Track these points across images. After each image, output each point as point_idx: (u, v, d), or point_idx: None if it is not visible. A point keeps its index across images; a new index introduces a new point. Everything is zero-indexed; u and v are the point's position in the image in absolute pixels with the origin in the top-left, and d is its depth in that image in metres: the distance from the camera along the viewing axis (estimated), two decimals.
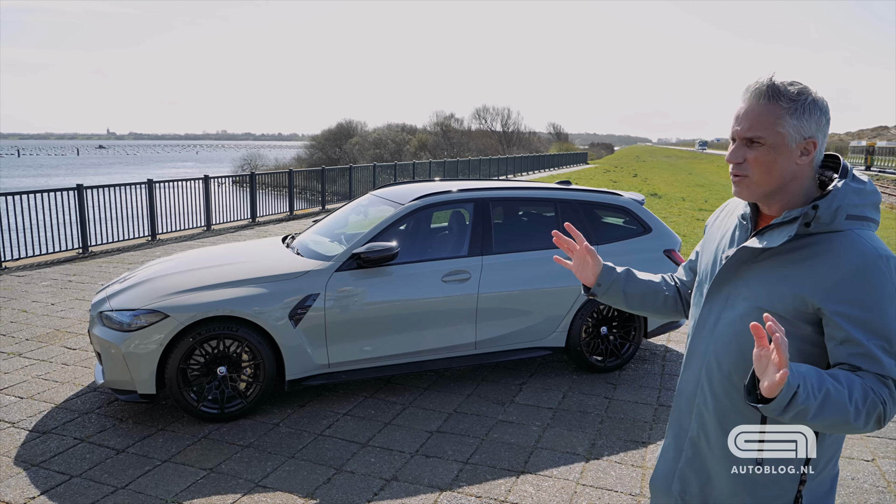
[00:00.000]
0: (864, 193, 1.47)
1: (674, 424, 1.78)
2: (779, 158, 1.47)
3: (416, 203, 4.84)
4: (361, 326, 4.52)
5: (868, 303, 1.39)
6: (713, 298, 1.63)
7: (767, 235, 1.51)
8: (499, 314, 4.85)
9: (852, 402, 1.35)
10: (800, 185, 1.51)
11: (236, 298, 4.21)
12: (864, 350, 1.40)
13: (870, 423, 1.38)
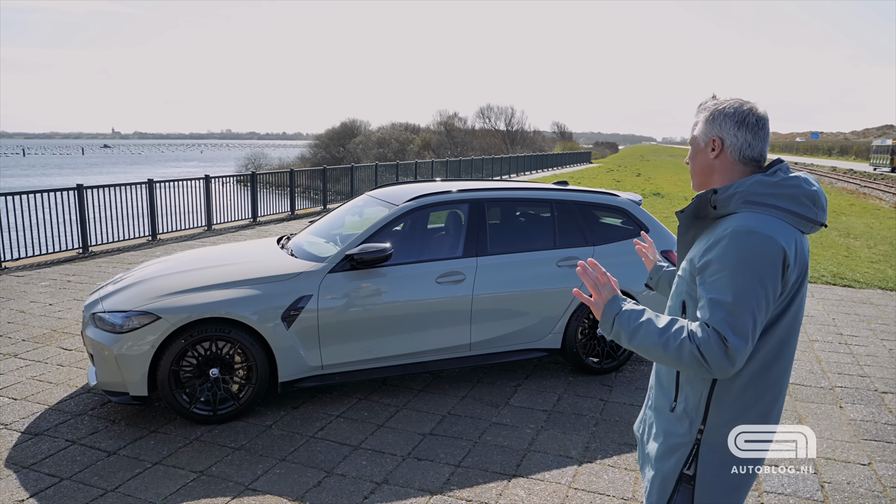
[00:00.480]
0: (773, 186, 1.73)
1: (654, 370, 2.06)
2: (697, 156, 1.87)
3: (411, 204, 4.81)
4: (355, 328, 4.49)
5: (719, 264, 1.68)
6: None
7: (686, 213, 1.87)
8: (494, 315, 4.82)
9: (664, 335, 1.69)
10: (722, 177, 1.83)
11: (228, 300, 4.19)
12: (703, 302, 1.70)
13: (682, 355, 1.67)
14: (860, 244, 12.34)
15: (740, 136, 1.79)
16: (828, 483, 3.61)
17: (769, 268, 1.66)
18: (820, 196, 1.77)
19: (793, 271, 1.70)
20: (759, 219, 1.71)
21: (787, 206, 1.73)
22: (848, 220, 16.26)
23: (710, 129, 1.83)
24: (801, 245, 1.72)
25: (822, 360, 5.65)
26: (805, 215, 1.74)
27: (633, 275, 5.16)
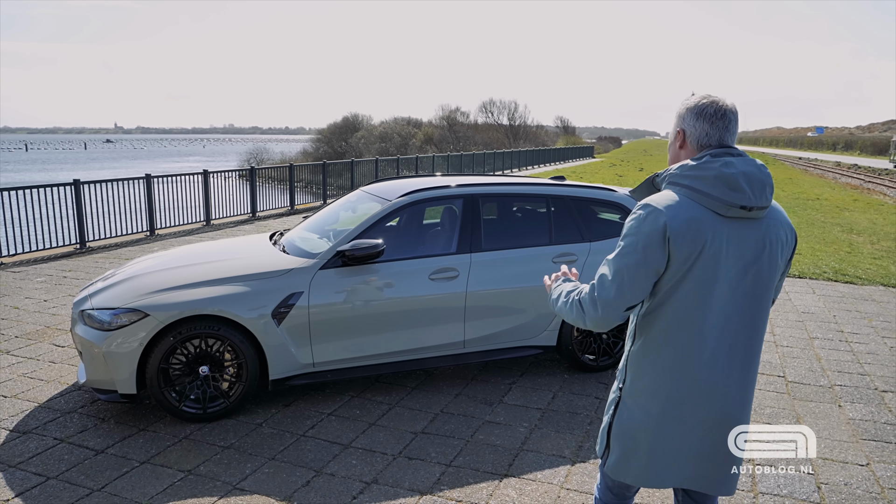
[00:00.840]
0: (692, 168, 1.90)
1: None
2: (670, 147, 2.09)
3: (403, 199, 4.75)
4: (346, 325, 4.44)
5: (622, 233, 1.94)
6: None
7: None
8: (488, 312, 4.77)
9: (568, 296, 2.05)
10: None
11: (218, 297, 4.14)
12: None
13: (572, 308, 2.01)
14: (863, 240, 12.25)
15: (698, 126, 1.96)
16: (825, 484, 3.55)
17: (647, 236, 1.85)
18: (739, 179, 1.85)
19: (679, 245, 1.84)
20: (664, 195, 1.91)
21: (698, 186, 1.87)
22: (851, 216, 16.15)
23: (676, 123, 2.04)
24: (701, 223, 1.85)
25: (821, 358, 5.58)
26: (716, 196, 1.85)
27: None
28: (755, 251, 1.89)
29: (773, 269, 1.93)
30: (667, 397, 1.97)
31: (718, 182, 1.85)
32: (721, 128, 1.94)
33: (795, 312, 7.05)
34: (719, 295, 1.89)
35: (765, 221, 1.91)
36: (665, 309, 1.92)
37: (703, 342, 1.91)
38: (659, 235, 1.84)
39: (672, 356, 1.94)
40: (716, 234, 1.85)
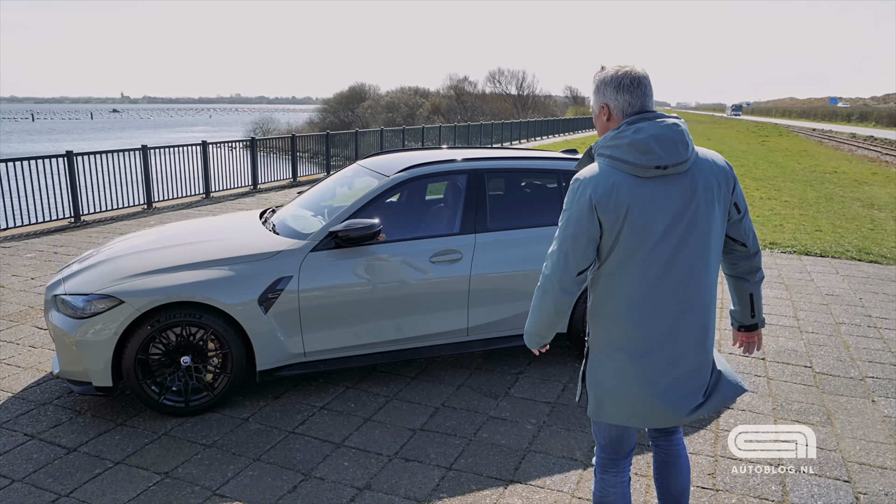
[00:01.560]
0: (611, 139, 2.04)
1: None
2: (596, 121, 2.19)
3: (402, 175, 4.37)
4: (340, 312, 4.11)
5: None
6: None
7: None
8: (493, 297, 4.42)
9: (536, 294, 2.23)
10: None
11: (198, 282, 3.80)
12: None
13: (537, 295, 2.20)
14: (885, 215, 11.78)
15: (620, 98, 2.08)
16: (863, 494, 3.21)
17: (579, 208, 2.02)
18: (650, 143, 1.98)
19: (605, 212, 2.00)
20: (591, 167, 2.08)
21: (617, 154, 2.02)
22: (871, 190, 15.62)
23: (597, 98, 2.14)
24: (621, 189, 1.99)
25: (850, 346, 5.22)
26: (632, 161, 1.99)
27: None
28: (683, 203, 2.02)
29: (710, 214, 2.06)
30: (623, 344, 2.12)
31: (631, 149, 2.00)
32: (640, 95, 2.08)
33: (819, 294, 6.67)
34: (655, 248, 2.03)
35: (690, 173, 2.04)
36: (607, 267, 2.10)
37: (647, 292, 2.06)
38: (587, 206, 2.01)
39: (620, 307, 2.10)
40: (637, 196, 1.99)
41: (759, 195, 14.08)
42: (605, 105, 2.13)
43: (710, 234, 2.08)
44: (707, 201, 2.05)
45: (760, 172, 19.08)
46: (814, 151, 30.43)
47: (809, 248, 8.73)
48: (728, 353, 5.04)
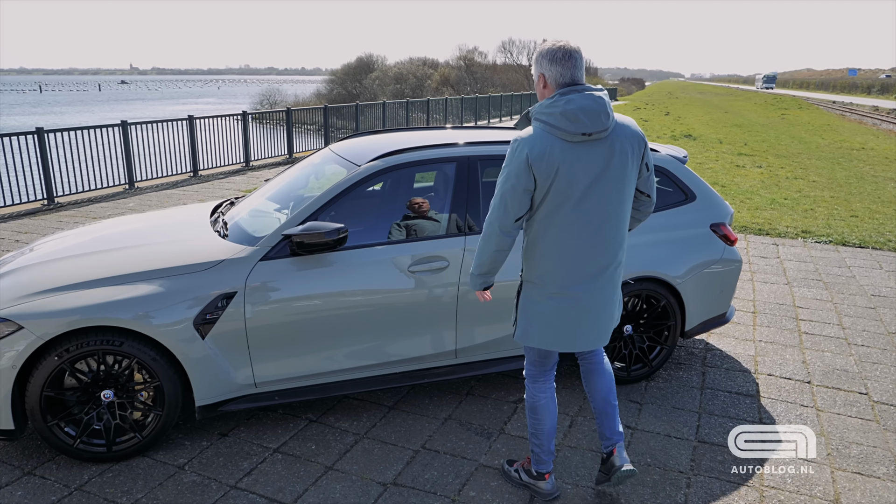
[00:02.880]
0: (545, 106, 2.44)
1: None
2: (536, 88, 2.55)
3: (376, 164, 3.57)
4: (298, 333, 3.36)
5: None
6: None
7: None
8: (487, 313, 3.66)
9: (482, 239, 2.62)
10: None
11: (115, 302, 3.06)
12: None
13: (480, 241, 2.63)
14: None
15: (553, 69, 2.46)
16: None
17: (517, 164, 2.44)
18: (578, 114, 2.38)
19: (539, 169, 2.42)
20: (528, 130, 2.48)
21: (550, 121, 2.41)
22: None
23: (535, 68, 2.53)
24: (553, 151, 2.41)
25: None
26: (562, 128, 2.39)
27: (671, 255, 3.97)
28: (602, 164, 2.45)
29: (624, 173, 2.49)
30: (549, 280, 2.59)
31: (562, 118, 2.39)
32: (571, 67, 2.44)
33: (864, 296, 5.86)
34: (579, 201, 2.47)
35: (610, 139, 2.45)
36: (539, 214, 2.53)
37: (572, 237, 2.52)
38: (524, 164, 2.42)
39: (549, 249, 2.55)
40: (566, 157, 2.42)
41: (784, 174, 13.15)
42: (542, 74, 2.49)
43: (624, 190, 2.52)
44: (622, 162, 2.48)
45: (783, 149, 18.06)
46: (837, 126, 29.18)
47: (847, 238, 7.88)
48: (767, 374, 4.27)
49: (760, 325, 5.13)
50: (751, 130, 24.54)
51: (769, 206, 9.79)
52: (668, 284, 3.97)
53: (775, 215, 9.09)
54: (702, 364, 4.41)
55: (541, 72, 2.49)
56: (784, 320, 5.24)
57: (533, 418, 2.85)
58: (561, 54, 2.43)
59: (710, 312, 4.23)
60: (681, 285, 3.97)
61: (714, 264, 4.12)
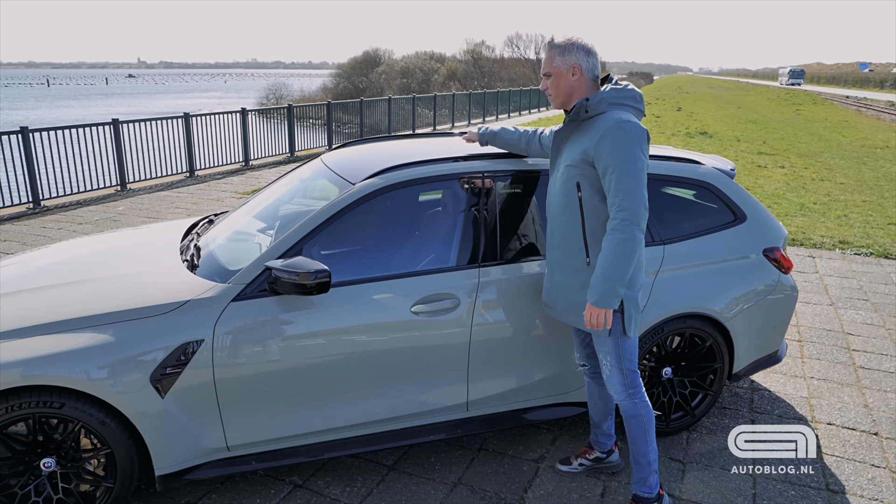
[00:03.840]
0: (622, 91, 2.57)
1: (548, 253, 2.83)
2: (560, 81, 2.60)
3: (374, 183, 2.99)
4: (279, 387, 2.81)
5: (612, 150, 2.44)
6: (552, 170, 2.78)
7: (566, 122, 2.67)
8: (505, 360, 3.10)
9: (611, 249, 2.46)
10: (580, 93, 2.60)
11: (52, 356, 2.50)
12: (612, 177, 2.45)
13: (623, 249, 2.45)
14: None
15: (590, 60, 2.58)
16: None
17: (643, 144, 2.47)
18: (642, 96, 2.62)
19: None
20: (625, 113, 2.52)
21: (631, 103, 2.57)
22: None
23: (566, 60, 2.57)
24: None
25: None
26: (642, 110, 2.60)
27: (719, 287, 3.40)
28: None
29: None
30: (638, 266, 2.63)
31: (641, 100, 2.60)
32: (598, 61, 2.61)
33: None
34: None
35: None
36: None
37: None
38: (646, 141, 2.51)
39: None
40: None
41: (809, 175, 12.50)
42: (578, 65, 2.58)
43: None
44: None
45: (804, 147, 17.37)
46: (855, 122, 28.38)
47: (888, 249, 7.26)
48: (826, 423, 3.68)
49: (809, 358, 4.54)
50: (767, 127, 23.81)
51: (799, 211, 9.16)
52: (714, 321, 3.39)
53: (807, 223, 8.48)
54: (749, 409, 3.83)
55: (576, 63, 2.56)
56: (835, 351, 4.66)
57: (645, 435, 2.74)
58: (593, 49, 2.59)
59: (762, 351, 3.65)
60: (730, 322, 3.39)
61: (767, 295, 3.54)
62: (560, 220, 2.69)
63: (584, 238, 2.62)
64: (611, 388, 2.74)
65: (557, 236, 2.72)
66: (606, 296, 2.47)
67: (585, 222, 2.61)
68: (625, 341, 2.65)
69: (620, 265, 2.44)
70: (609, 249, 2.45)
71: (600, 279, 2.47)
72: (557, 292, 2.78)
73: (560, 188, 2.67)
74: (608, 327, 2.53)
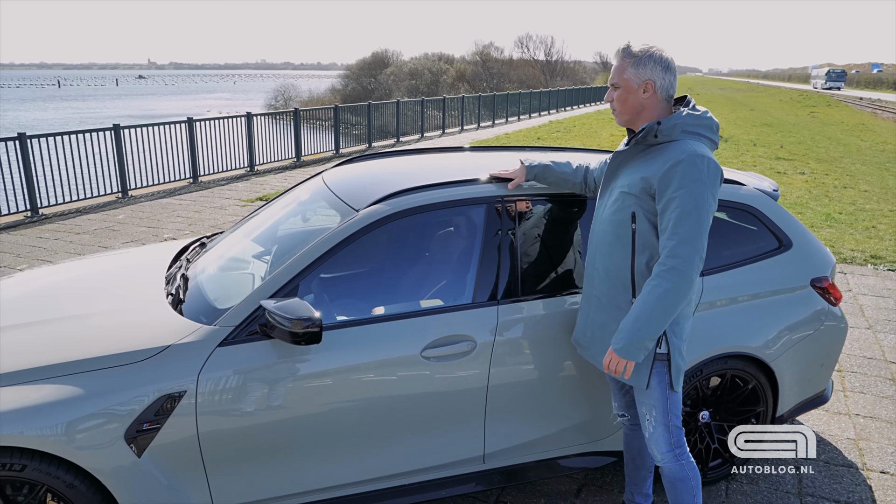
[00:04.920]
0: (699, 118, 2.26)
1: (585, 285, 2.52)
2: (629, 96, 2.28)
3: (379, 210, 2.66)
4: (273, 441, 2.49)
5: (679, 185, 2.15)
6: (603, 193, 2.45)
7: (630, 143, 2.33)
8: (525, 408, 2.77)
9: (652, 298, 2.17)
10: (651, 112, 2.28)
11: (11, 412, 2.19)
12: (672, 214, 2.16)
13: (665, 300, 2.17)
14: None
15: (666, 78, 2.26)
16: None
17: (716, 183, 2.19)
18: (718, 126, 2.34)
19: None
20: (698, 145, 2.22)
21: (707, 133, 2.28)
22: None
23: (642, 73, 2.24)
24: None
25: None
26: (715, 140, 2.31)
27: (763, 323, 3.05)
28: None
29: None
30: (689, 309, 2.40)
31: (717, 130, 2.32)
32: (675, 79, 2.29)
33: None
34: None
35: None
36: None
37: None
38: (719, 180, 2.22)
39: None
40: None
41: (831, 182, 12.08)
42: (651, 81, 2.24)
43: None
44: None
45: (823, 152, 16.92)
46: (872, 125, 27.84)
47: None
48: (879, 472, 3.33)
49: (852, 391, 4.18)
50: (783, 130, 23.33)
51: (825, 222, 8.77)
52: (758, 361, 3.04)
53: (835, 235, 8.09)
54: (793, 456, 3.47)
55: (650, 78, 2.25)
56: (879, 383, 4.29)
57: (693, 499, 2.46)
58: (673, 64, 2.28)
59: (808, 391, 3.30)
60: (775, 361, 3.05)
61: (815, 331, 3.19)
62: (606, 251, 2.38)
63: (631, 275, 2.32)
64: (654, 448, 2.41)
65: (600, 269, 2.41)
66: (632, 347, 2.22)
67: (636, 258, 2.31)
68: (672, 395, 2.35)
69: (656, 317, 2.18)
70: (649, 297, 2.18)
71: (630, 327, 2.22)
72: (593, 331, 2.48)
73: (611, 215, 2.36)
74: (626, 377, 2.28)
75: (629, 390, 2.61)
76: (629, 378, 2.31)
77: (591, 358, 2.53)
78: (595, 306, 2.46)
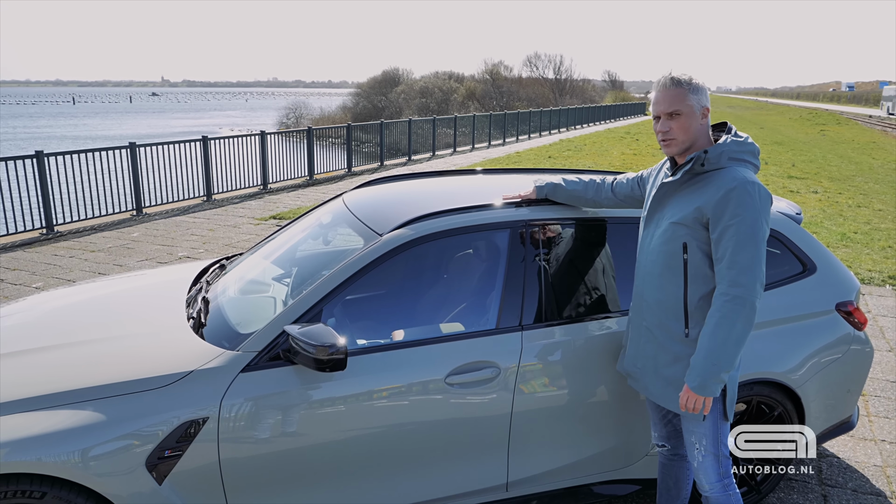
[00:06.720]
0: (743, 144, 2.25)
1: (634, 316, 2.50)
2: (691, 122, 2.24)
3: (403, 234, 2.65)
4: (294, 468, 2.46)
5: (734, 214, 2.13)
6: (649, 224, 2.42)
7: (678, 173, 2.29)
8: (550, 434, 2.73)
9: (721, 331, 2.14)
10: (704, 140, 2.28)
11: (31, 439, 2.17)
12: (728, 244, 2.14)
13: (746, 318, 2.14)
14: None
15: (709, 104, 2.29)
16: None
17: (768, 210, 2.18)
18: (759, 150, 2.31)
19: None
20: (747, 171, 2.21)
21: (751, 159, 2.27)
22: None
23: (701, 99, 2.24)
24: None
25: None
26: (758, 165, 2.29)
27: (788, 348, 3.00)
28: None
29: None
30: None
31: (758, 155, 2.30)
32: None
33: None
34: None
35: None
36: None
37: None
38: (770, 207, 2.21)
39: None
40: None
41: (845, 201, 12.00)
42: (707, 107, 2.27)
43: None
44: None
45: (835, 171, 16.84)
46: (883, 143, 27.72)
47: None
48: None
49: (877, 416, 4.11)
50: (794, 149, 23.26)
51: (841, 242, 8.70)
52: (784, 387, 2.99)
53: (852, 255, 8.01)
54: (819, 482, 3.40)
55: (706, 104, 2.27)
56: None
57: None
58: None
59: (834, 417, 3.24)
60: (801, 387, 2.99)
61: (841, 356, 3.14)
62: (656, 282, 2.35)
63: (684, 307, 2.28)
64: (703, 478, 2.37)
65: (650, 301, 2.38)
66: (709, 382, 2.18)
67: (689, 289, 2.28)
68: (723, 425, 2.33)
69: (729, 350, 2.14)
70: (718, 331, 2.14)
71: (705, 362, 2.17)
72: (644, 363, 2.45)
73: (660, 246, 2.33)
74: (706, 413, 2.23)
75: (672, 419, 2.57)
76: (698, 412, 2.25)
77: (643, 389, 2.50)
78: (645, 337, 2.42)
